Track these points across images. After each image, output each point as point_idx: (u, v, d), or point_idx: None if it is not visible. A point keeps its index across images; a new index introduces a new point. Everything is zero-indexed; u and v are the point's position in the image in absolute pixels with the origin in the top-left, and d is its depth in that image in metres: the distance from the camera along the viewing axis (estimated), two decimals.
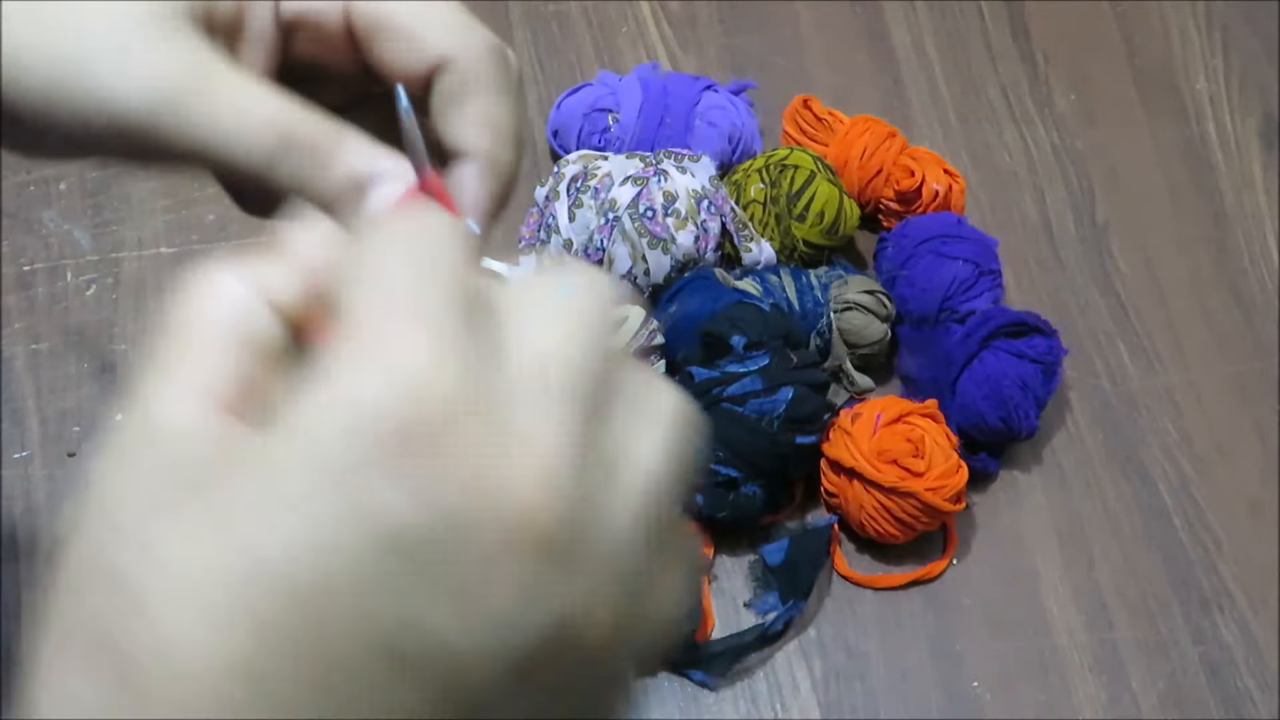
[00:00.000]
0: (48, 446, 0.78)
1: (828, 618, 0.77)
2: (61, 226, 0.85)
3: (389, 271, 0.26)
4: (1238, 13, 1.00)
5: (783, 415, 0.74)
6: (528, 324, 0.26)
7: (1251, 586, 0.80)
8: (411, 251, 0.26)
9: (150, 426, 0.25)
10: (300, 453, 0.24)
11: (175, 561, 0.23)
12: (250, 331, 0.27)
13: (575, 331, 0.26)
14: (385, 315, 0.25)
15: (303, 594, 0.23)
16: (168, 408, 0.25)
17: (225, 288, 0.27)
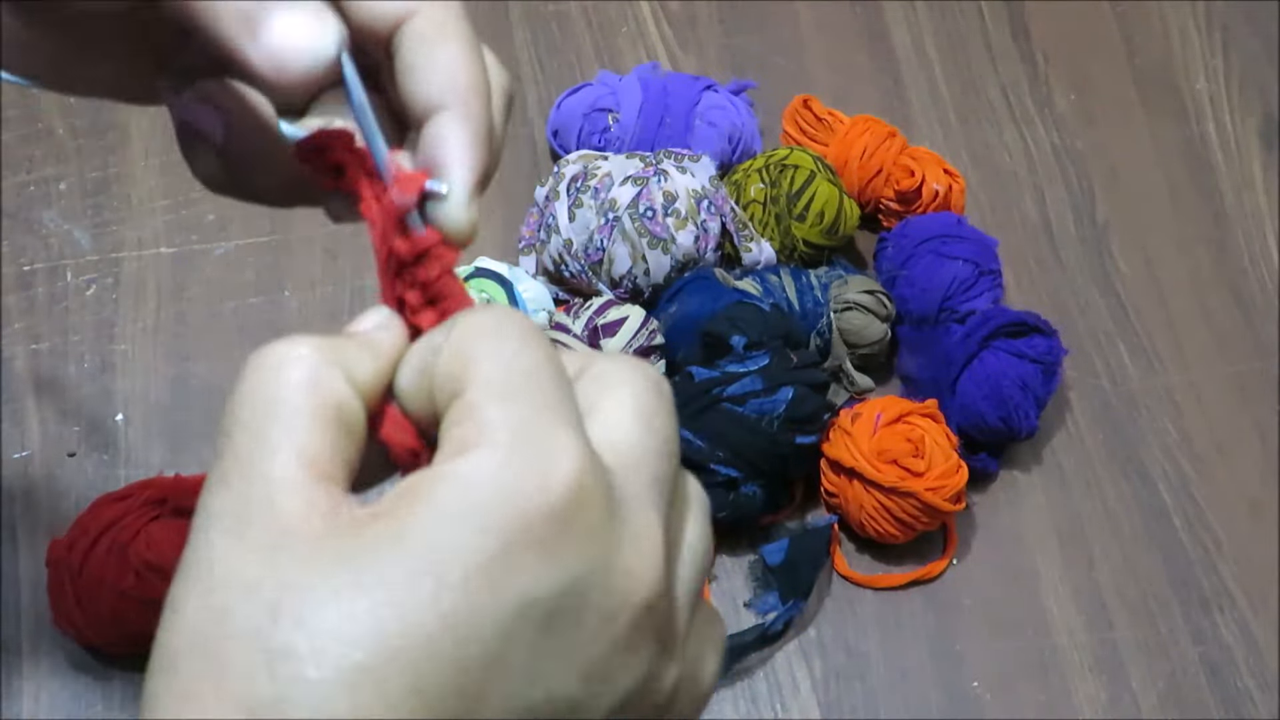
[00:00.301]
0: (48, 446, 0.78)
1: (828, 618, 0.77)
2: (61, 226, 0.85)
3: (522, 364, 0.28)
4: (1238, 13, 1.00)
5: (783, 415, 0.74)
6: (614, 417, 0.29)
7: (1251, 586, 0.80)
8: (535, 347, 0.28)
9: (262, 498, 0.27)
10: (454, 528, 0.26)
11: (330, 628, 0.25)
12: (340, 405, 0.28)
13: (655, 426, 0.29)
14: (529, 409, 0.27)
15: (458, 657, 0.25)
16: (276, 481, 0.27)
17: (311, 360, 0.28)
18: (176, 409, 0.80)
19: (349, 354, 0.29)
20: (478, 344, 0.28)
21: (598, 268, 0.80)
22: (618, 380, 0.30)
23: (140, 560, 0.68)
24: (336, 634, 0.25)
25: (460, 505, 0.26)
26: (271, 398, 0.28)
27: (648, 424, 0.29)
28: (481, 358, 0.28)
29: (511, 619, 0.25)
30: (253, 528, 0.26)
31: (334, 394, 0.28)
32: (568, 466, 0.26)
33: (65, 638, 0.71)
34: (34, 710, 0.71)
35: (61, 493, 0.77)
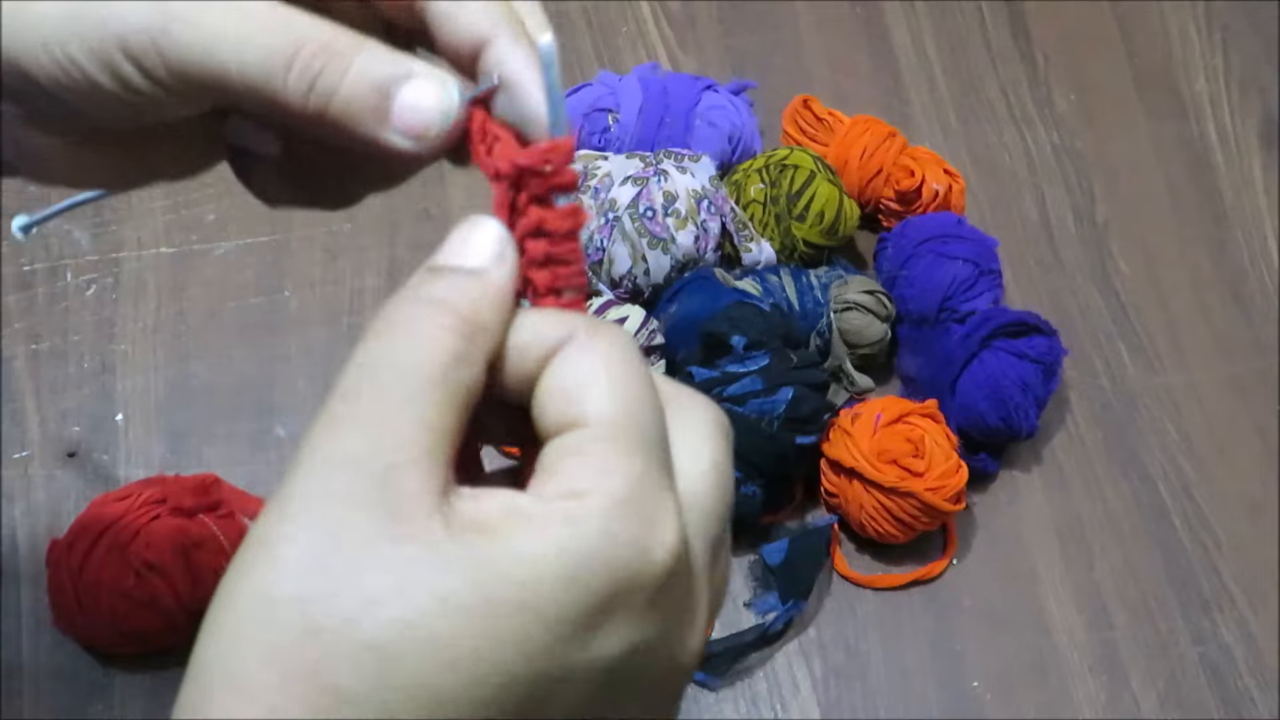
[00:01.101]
0: (48, 446, 0.78)
1: (828, 618, 0.77)
2: (61, 226, 0.85)
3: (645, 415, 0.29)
4: (1238, 13, 1.00)
5: (783, 415, 0.74)
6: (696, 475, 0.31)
7: (1251, 586, 0.80)
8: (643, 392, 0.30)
9: (379, 465, 0.27)
10: (560, 575, 0.27)
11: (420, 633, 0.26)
12: (472, 391, 0.29)
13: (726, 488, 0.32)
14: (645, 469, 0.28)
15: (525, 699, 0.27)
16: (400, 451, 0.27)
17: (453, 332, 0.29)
18: (176, 409, 0.80)
19: (488, 323, 0.30)
20: (603, 371, 0.29)
21: (598, 268, 0.80)
22: (695, 421, 0.31)
23: (140, 560, 0.68)
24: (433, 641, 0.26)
25: (570, 552, 0.27)
26: (415, 359, 0.28)
27: (721, 485, 0.31)
28: (605, 391, 0.29)
29: (581, 670, 0.27)
30: (369, 493, 0.27)
31: (473, 376, 0.29)
32: (669, 540, 0.28)
33: (65, 638, 0.71)
34: (34, 710, 0.71)
35: (61, 493, 0.77)
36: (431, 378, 0.28)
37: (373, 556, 0.26)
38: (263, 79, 0.32)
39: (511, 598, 0.26)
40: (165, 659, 0.72)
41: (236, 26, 0.32)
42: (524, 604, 0.26)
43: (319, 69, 0.32)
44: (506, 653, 0.26)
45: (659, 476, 0.29)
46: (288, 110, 0.33)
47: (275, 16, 0.32)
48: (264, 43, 0.32)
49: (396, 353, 0.28)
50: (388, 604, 0.26)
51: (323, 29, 0.32)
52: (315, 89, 0.32)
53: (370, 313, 0.83)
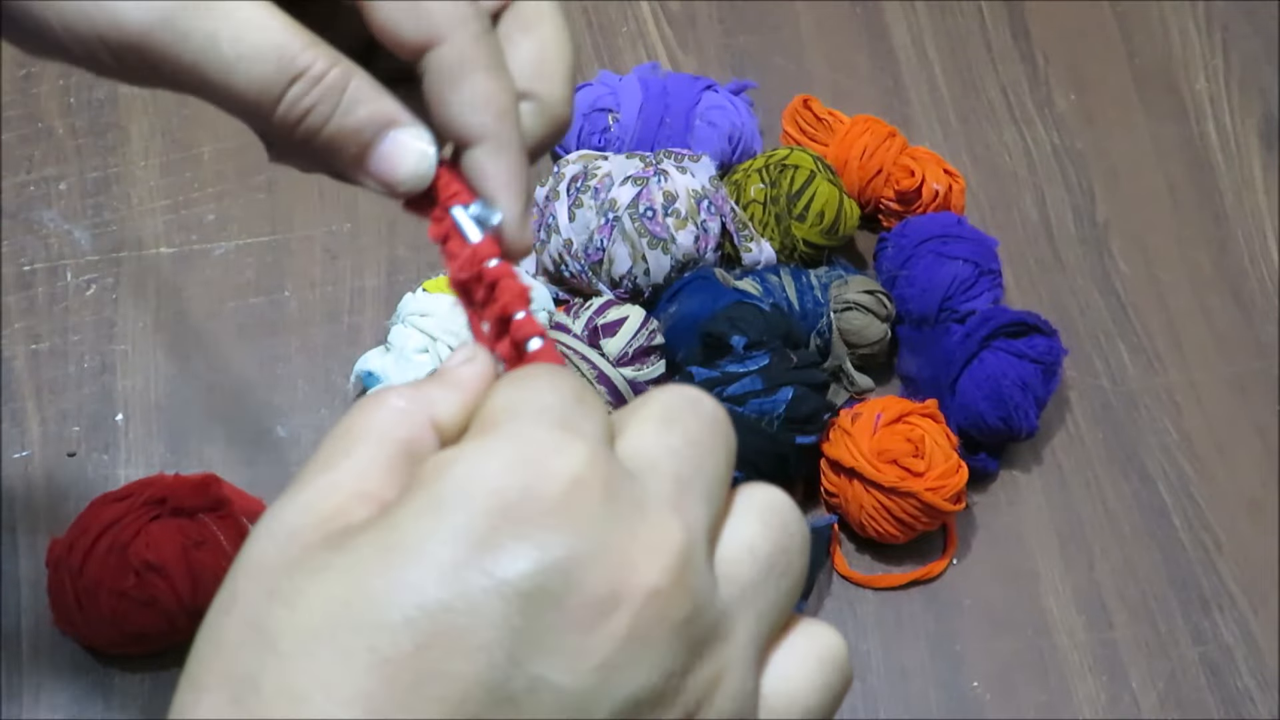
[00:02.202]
0: (48, 446, 0.78)
1: (828, 618, 0.77)
2: (61, 226, 0.85)
3: (536, 392, 0.28)
4: (1238, 13, 1.00)
5: (783, 415, 0.74)
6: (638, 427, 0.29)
7: (1251, 586, 0.80)
8: (554, 382, 0.29)
9: (303, 504, 0.27)
10: (430, 512, 0.26)
11: (306, 605, 0.25)
12: (409, 439, 0.29)
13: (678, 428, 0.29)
14: (527, 421, 0.27)
15: (419, 631, 0.25)
16: (322, 492, 0.28)
17: (393, 401, 0.29)
18: (176, 409, 0.80)
19: (433, 394, 0.30)
20: (518, 375, 0.29)
21: (598, 268, 0.80)
22: (645, 398, 0.30)
23: (140, 560, 0.68)
24: (312, 610, 0.25)
25: (447, 489, 0.26)
26: (349, 432, 0.29)
27: (668, 425, 0.29)
28: (510, 382, 0.29)
29: (486, 596, 0.25)
30: (284, 526, 0.27)
31: (407, 429, 0.29)
32: (563, 462, 0.26)
33: (65, 638, 0.71)
34: (34, 710, 0.71)
35: (61, 493, 0.77)
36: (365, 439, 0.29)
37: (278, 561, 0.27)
38: (251, 104, 0.32)
39: (390, 548, 0.25)
40: (165, 659, 0.72)
41: (229, 49, 0.32)
42: (400, 551, 0.25)
43: (307, 106, 0.32)
44: (391, 606, 0.25)
45: (550, 419, 0.27)
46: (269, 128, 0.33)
47: (269, 40, 0.32)
48: (255, 70, 0.32)
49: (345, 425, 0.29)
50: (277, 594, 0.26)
51: (314, 56, 0.32)
52: (303, 124, 0.32)
53: (370, 313, 0.84)
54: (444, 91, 0.33)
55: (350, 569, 0.25)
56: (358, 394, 0.79)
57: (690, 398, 0.30)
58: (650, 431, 0.29)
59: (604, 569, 0.26)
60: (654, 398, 0.30)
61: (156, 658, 0.72)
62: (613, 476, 0.27)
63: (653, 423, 0.29)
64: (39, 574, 0.72)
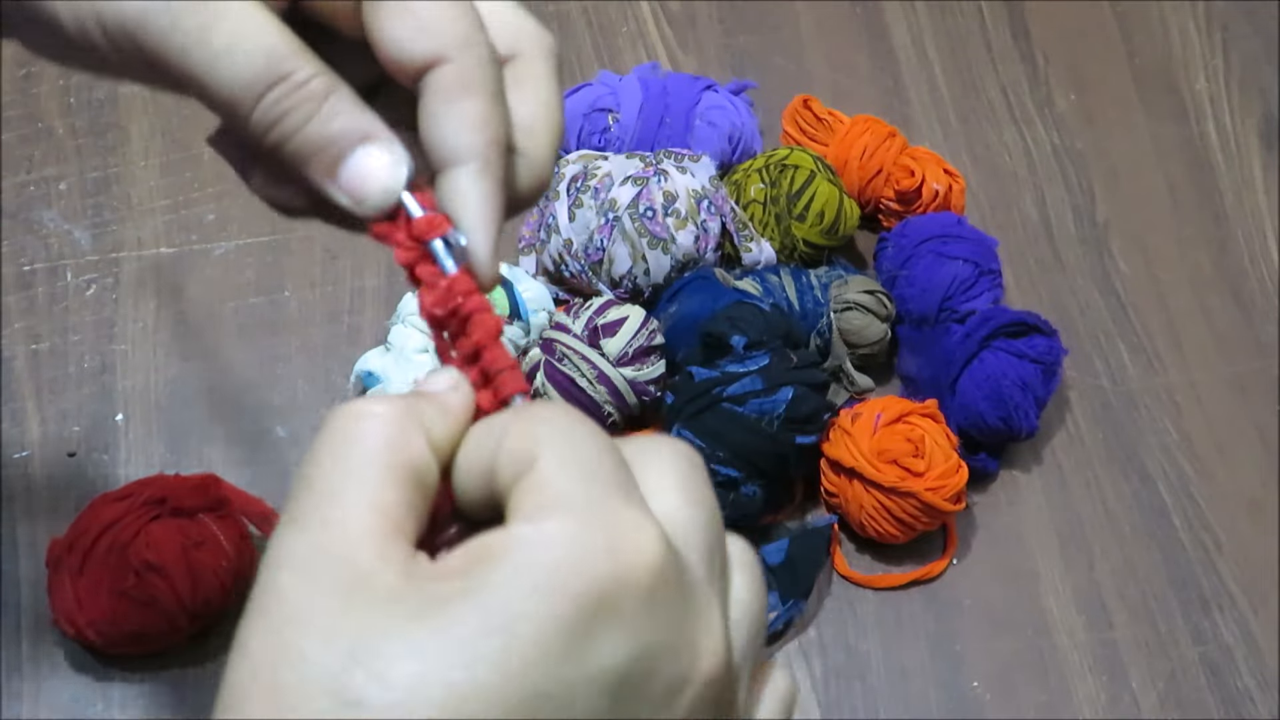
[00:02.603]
0: (48, 446, 0.78)
1: (828, 618, 0.77)
2: (61, 226, 0.85)
3: (592, 452, 0.29)
4: (1238, 13, 1.00)
5: (783, 415, 0.74)
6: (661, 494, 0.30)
7: (1251, 586, 0.80)
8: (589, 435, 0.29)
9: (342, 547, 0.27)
10: (532, 591, 0.26)
11: (400, 679, 0.25)
12: (418, 466, 0.29)
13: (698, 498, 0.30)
14: (595, 490, 0.28)
15: (519, 713, 0.25)
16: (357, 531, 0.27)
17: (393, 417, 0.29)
18: (176, 409, 0.80)
19: (428, 414, 0.30)
20: (547, 426, 0.29)
21: (598, 268, 0.80)
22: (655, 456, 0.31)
23: (140, 560, 0.68)
24: (409, 688, 0.25)
25: (536, 568, 0.26)
26: (353, 451, 0.29)
27: (692, 497, 0.30)
28: (552, 438, 0.29)
29: (582, 684, 0.26)
30: (328, 573, 0.27)
31: (413, 453, 0.29)
32: (649, 543, 0.27)
33: (65, 638, 0.71)
34: (34, 710, 0.71)
35: (61, 493, 0.77)
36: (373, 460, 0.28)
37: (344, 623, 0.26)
38: (230, 100, 0.32)
39: (485, 626, 0.26)
40: (165, 659, 0.72)
41: (223, 42, 0.32)
42: (497, 630, 0.25)
43: (287, 109, 0.32)
44: (492, 686, 0.25)
45: (621, 493, 0.28)
46: (245, 131, 0.33)
47: (260, 41, 0.32)
48: (240, 66, 0.32)
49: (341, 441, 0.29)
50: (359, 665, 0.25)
51: (301, 63, 0.32)
52: (279, 126, 0.32)
53: (370, 313, 0.84)
54: (440, 108, 0.33)
55: (445, 643, 0.25)
56: (357, 394, 0.79)
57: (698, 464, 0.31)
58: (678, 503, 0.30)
59: (677, 656, 0.27)
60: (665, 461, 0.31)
61: (156, 658, 0.72)
62: (678, 560, 0.28)
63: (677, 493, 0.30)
64: (39, 574, 0.72)
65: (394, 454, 0.29)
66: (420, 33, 0.33)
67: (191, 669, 0.72)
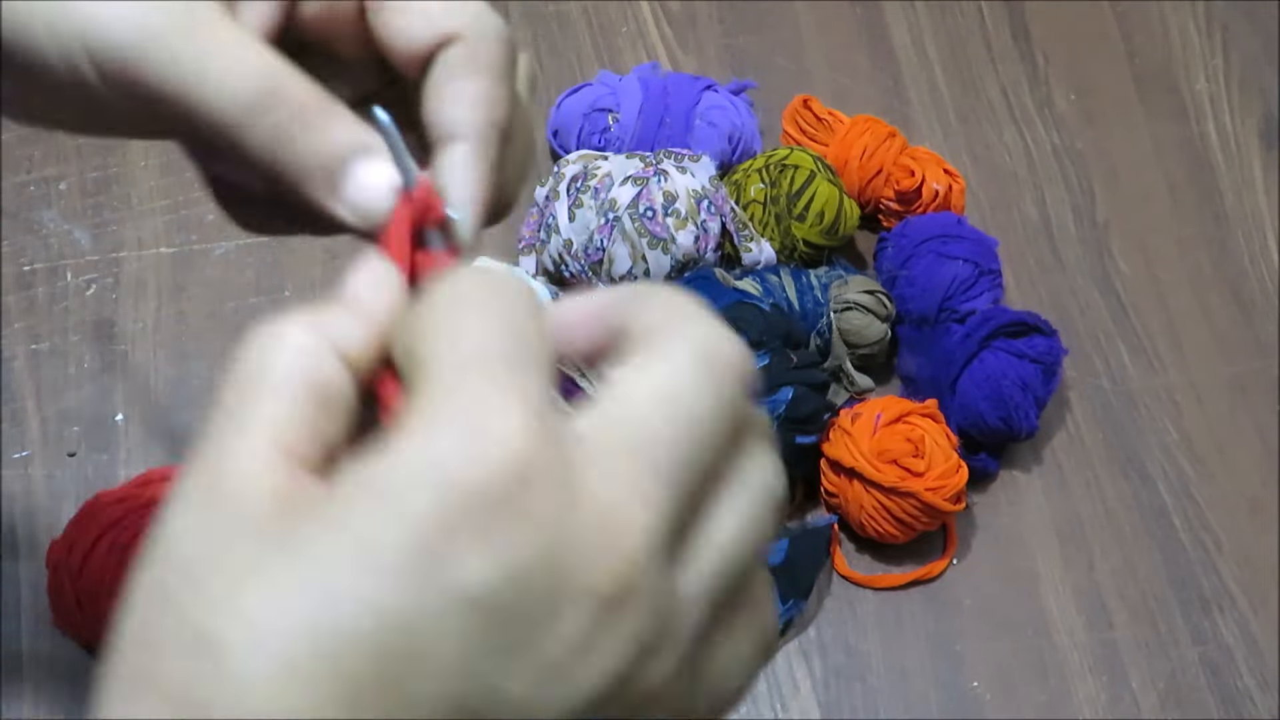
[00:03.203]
0: (48, 446, 0.78)
1: (828, 618, 0.77)
2: (61, 226, 0.85)
3: (471, 333, 0.26)
4: (1238, 13, 1.00)
5: (783, 415, 0.74)
6: (631, 394, 0.27)
7: (1251, 586, 0.80)
8: (492, 313, 0.27)
9: (223, 479, 0.26)
10: (384, 511, 0.24)
11: (256, 615, 0.24)
12: (320, 383, 0.27)
13: (677, 411, 0.27)
14: (469, 378, 0.25)
15: (381, 648, 0.24)
16: (241, 461, 0.26)
17: (294, 338, 0.27)
18: (176, 409, 0.80)
19: (337, 326, 0.28)
20: (437, 314, 0.27)
21: (598, 268, 0.80)
22: (661, 349, 0.27)
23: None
24: (265, 623, 0.24)
25: (393, 488, 0.24)
26: (251, 377, 0.27)
27: (665, 405, 0.27)
28: (436, 329, 0.27)
29: (442, 611, 0.24)
30: (208, 508, 0.25)
31: (317, 371, 0.27)
32: (509, 443, 0.24)
33: (65, 638, 0.71)
34: (34, 710, 0.71)
35: (61, 493, 0.77)
36: (270, 385, 0.27)
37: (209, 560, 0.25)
38: (231, 124, 0.32)
39: (345, 556, 0.24)
40: None
41: (217, 66, 0.31)
42: (354, 559, 0.24)
43: (285, 128, 0.32)
44: (350, 618, 0.23)
45: (500, 388, 0.25)
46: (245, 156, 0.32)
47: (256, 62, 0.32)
48: (237, 91, 0.31)
49: (243, 369, 0.28)
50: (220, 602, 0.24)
51: (298, 84, 0.32)
52: (279, 147, 0.32)
53: None
54: (444, 84, 0.33)
55: (302, 575, 0.24)
56: None
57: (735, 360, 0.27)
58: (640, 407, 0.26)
59: (557, 572, 0.24)
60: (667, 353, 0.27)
61: None
62: (565, 459, 0.25)
63: (648, 397, 0.27)
64: (39, 574, 0.72)
65: (296, 375, 0.27)
66: (431, 13, 0.33)
67: None
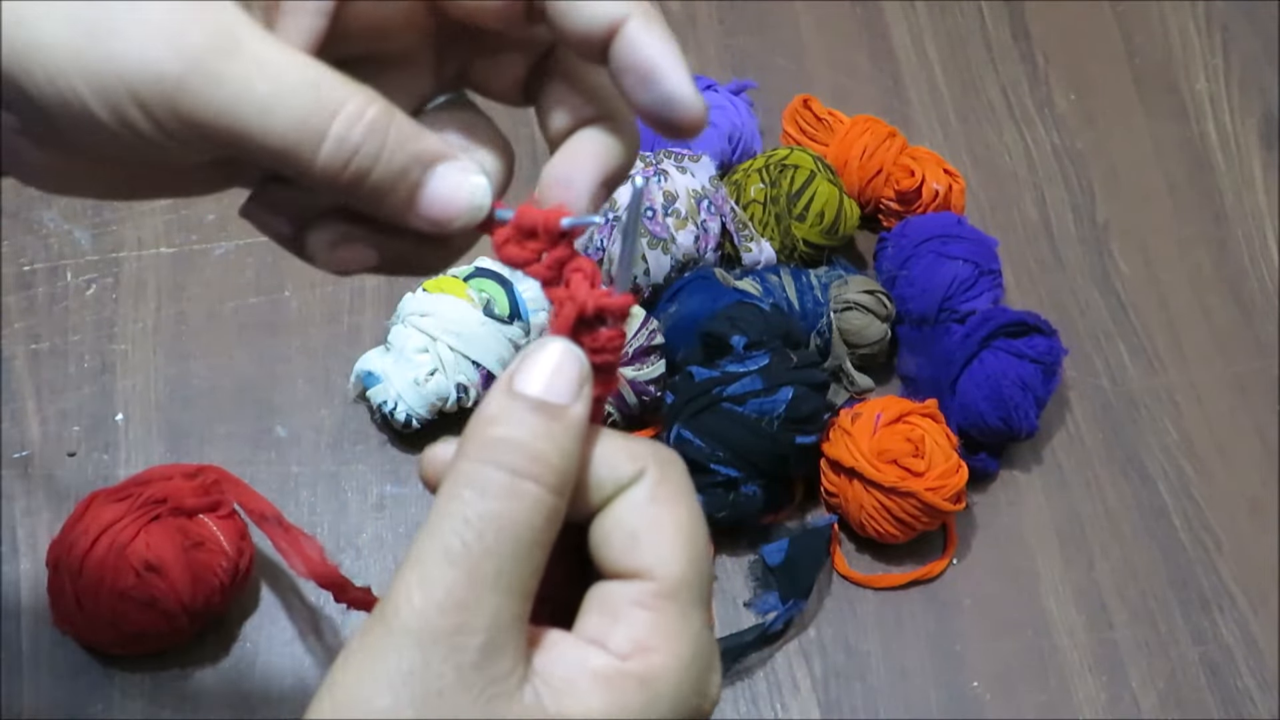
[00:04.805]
0: (48, 446, 0.78)
1: (828, 618, 0.77)
2: (61, 226, 0.85)
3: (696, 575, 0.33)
4: (1238, 13, 1.00)
5: (783, 415, 0.74)
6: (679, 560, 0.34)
7: (1251, 586, 0.80)
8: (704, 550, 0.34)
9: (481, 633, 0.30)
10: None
11: None
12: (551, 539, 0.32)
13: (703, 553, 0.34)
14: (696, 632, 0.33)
15: None
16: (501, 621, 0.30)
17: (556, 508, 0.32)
18: (176, 409, 0.80)
19: (572, 468, 0.32)
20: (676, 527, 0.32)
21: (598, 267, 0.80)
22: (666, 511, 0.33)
23: (140, 560, 0.67)
24: None
25: (646, 709, 0.30)
26: (512, 533, 0.30)
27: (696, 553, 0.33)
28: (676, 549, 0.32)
29: None
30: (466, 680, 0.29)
31: (554, 529, 0.31)
32: (718, 680, 0.33)
33: (65, 638, 0.71)
34: (34, 710, 0.71)
35: (61, 493, 0.77)
36: (535, 541, 0.30)
37: None
38: (290, 147, 0.30)
39: None
40: (165, 659, 0.72)
41: (264, 87, 0.30)
42: None
43: (356, 144, 0.31)
44: None
45: (708, 628, 0.32)
46: (312, 178, 0.31)
47: (305, 77, 0.30)
48: (295, 108, 0.30)
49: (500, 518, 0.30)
50: None
51: (354, 94, 0.31)
52: (352, 166, 0.31)
53: (370, 313, 0.83)
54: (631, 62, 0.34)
55: None
56: (357, 394, 0.79)
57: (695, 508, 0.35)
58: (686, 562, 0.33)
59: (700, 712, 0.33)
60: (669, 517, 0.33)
61: (156, 658, 0.72)
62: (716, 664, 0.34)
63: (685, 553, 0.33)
64: (39, 574, 0.72)
65: (551, 532, 0.31)
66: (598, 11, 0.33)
67: (192, 669, 0.72)
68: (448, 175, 0.32)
